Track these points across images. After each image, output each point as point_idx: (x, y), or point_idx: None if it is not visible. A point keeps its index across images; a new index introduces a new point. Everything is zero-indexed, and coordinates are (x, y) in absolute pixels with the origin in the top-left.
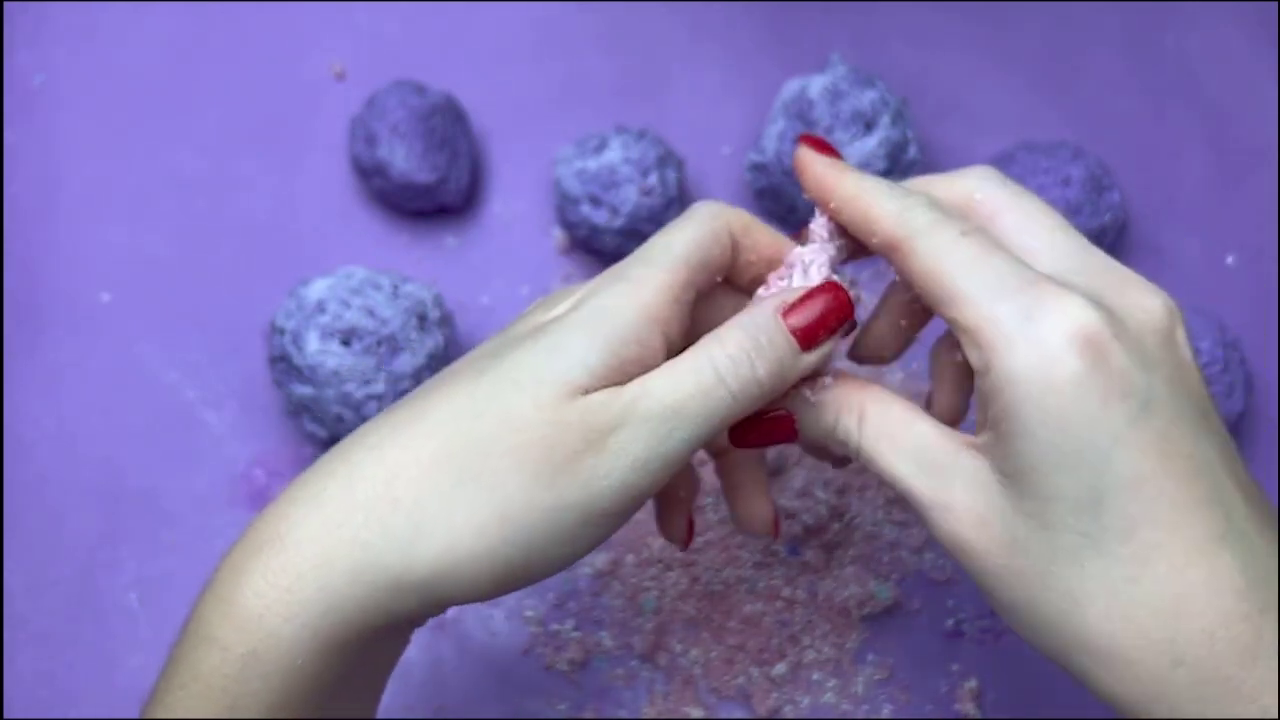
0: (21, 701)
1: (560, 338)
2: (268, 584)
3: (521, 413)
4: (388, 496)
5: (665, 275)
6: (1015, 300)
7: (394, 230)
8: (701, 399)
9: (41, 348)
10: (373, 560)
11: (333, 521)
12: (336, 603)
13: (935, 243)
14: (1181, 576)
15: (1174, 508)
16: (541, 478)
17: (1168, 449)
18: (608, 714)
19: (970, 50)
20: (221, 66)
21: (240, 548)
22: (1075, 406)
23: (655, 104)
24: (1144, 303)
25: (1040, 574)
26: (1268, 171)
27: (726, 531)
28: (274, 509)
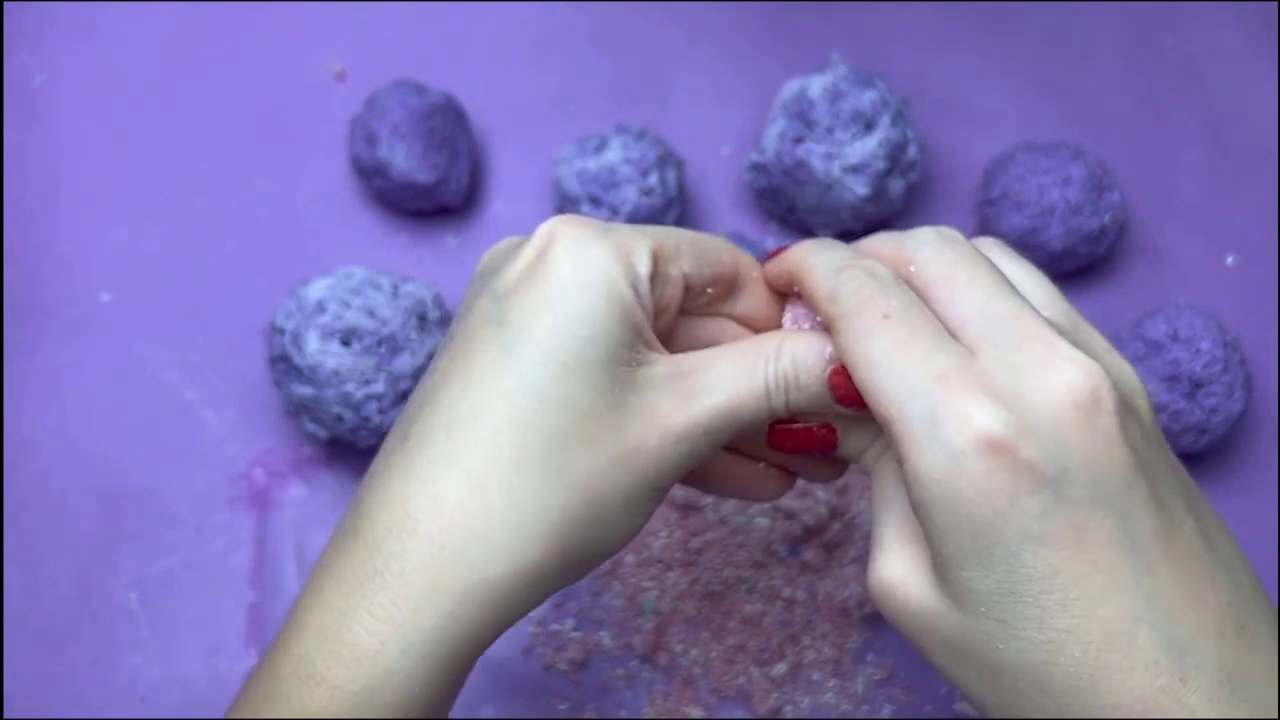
0: (21, 701)
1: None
2: (379, 620)
3: (585, 399)
4: (481, 506)
5: (651, 239)
6: (922, 400)
7: (394, 230)
8: (753, 404)
9: (41, 348)
10: (482, 576)
11: (432, 545)
12: (452, 628)
13: (859, 326)
14: (1095, 659)
15: (1088, 597)
16: (620, 461)
17: (1084, 536)
18: (608, 714)
19: (970, 50)
20: (221, 66)
21: (332, 586)
22: (982, 509)
23: (655, 104)
24: (1064, 377)
25: (959, 646)
26: (1268, 171)
27: (726, 531)
28: (355, 545)
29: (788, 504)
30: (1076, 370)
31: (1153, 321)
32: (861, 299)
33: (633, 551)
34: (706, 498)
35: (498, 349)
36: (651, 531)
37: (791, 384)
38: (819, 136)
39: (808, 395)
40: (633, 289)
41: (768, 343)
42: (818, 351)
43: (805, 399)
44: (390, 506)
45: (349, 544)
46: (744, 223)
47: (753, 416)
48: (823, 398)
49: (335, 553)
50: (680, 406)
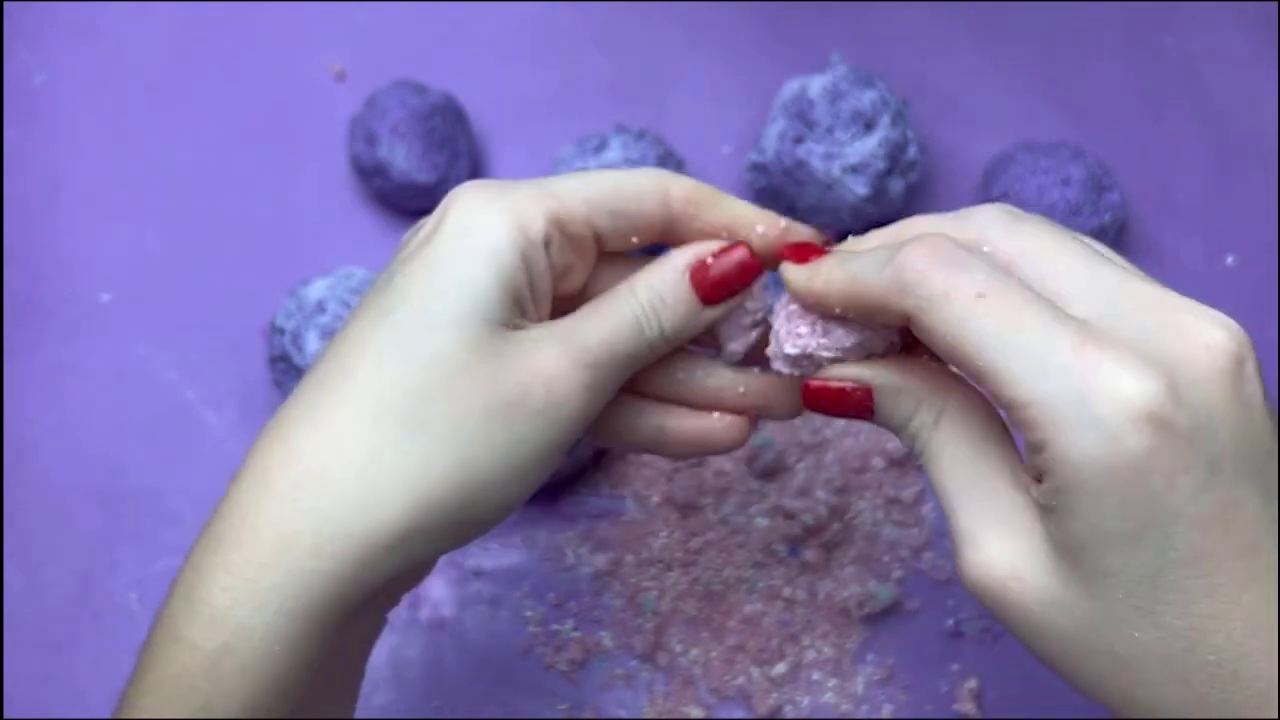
0: (21, 701)
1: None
2: (231, 577)
3: (455, 354)
4: (337, 460)
5: (552, 200)
6: (1063, 377)
7: (394, 230)
8: (627, 341)
9: (41, 348)
10: (335, 530)
11: (284, 499)
12: (306, 582)
13: (953, 312)
14: (1240, 646)
15: (1233, 581)
16: (495, 415)
17: (1230, 518)
18: (608, 714)
19: (970, 50)
20: (221, 66)
21: (198, 547)
22: (1137, 489)
23: (655, 104)
24: (1206, 339)
25: (1084, 637)
26: (1268, 171)
27: (727, 531)
28: (223, 503)
29: (788, 504)
30: (1221, 330)
31: None
32: (941, 279)
33: (633, 551)
34: (706, 497)
35: (376, 312)
36: (651, 531)
37: (660, 306)
38: (819, 136)
39: (677, 313)
40: (519, 254)
41: (621, 285)
42: (670, 267)
43: (678, 317)
44: (252, 465)
45: (219, 504)
46: None
47: (636, 349)
48: (693, 308)
49: (210, 514)
50: (557, 355)
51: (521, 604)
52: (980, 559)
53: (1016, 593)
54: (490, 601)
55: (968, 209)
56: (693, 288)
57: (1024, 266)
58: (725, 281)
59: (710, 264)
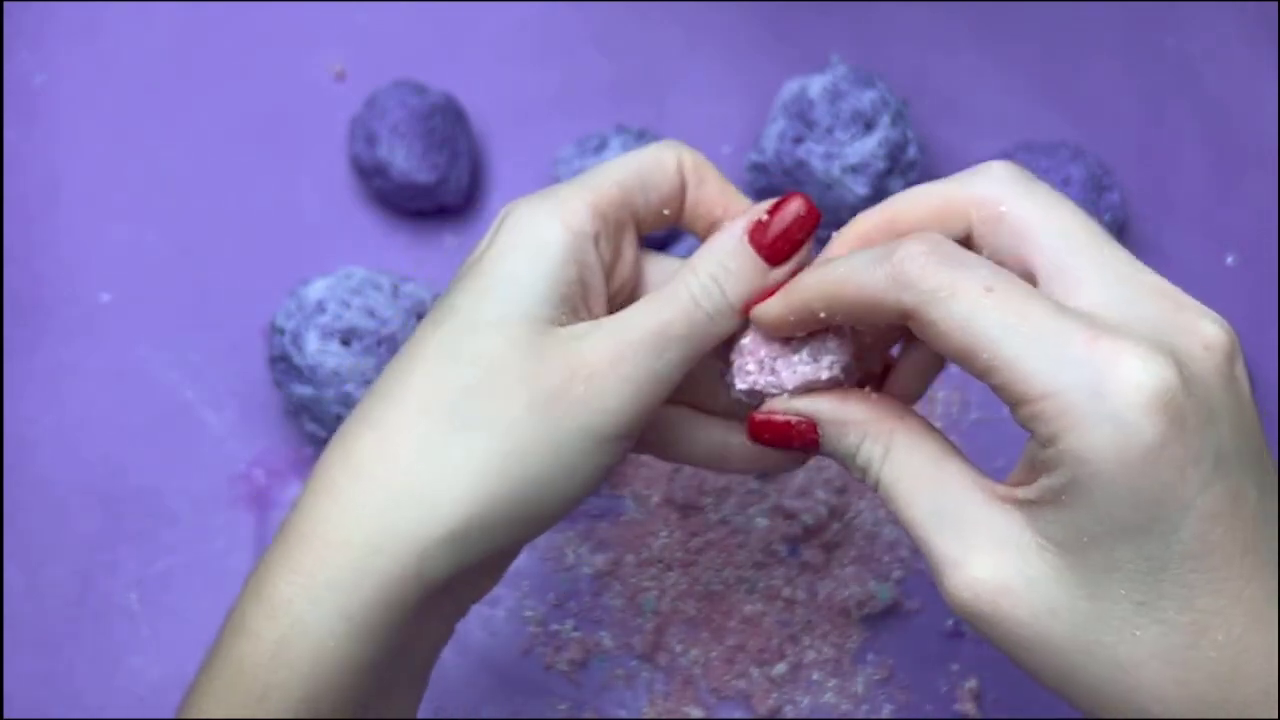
0: (21, 701)
1: (504, 270)
2: (294, 573)
3: (499, 353)
4: (387, 459)
5: (589, 192)
6: (1078, 369)
7: (394, 230)
8: (684, 320)
9: (41, 348)
10: (388, 527)
11: (346, 502)
12: (363, 580)
13: (960, 307)
14: (1240, 642)
15: (1236, 575)
16: (536, 409)
17: (1234, 511)
18: (608, 714)
19: (970, 50)
20: (221, 66)
21: (270, 549)
22: (1150, 480)
23: (655, 104)
24: (1205, 336)
25: (1082, 642)
26: (1268, 171)
27: (727, 531)
28: (294, 509)
29: (788, 504)
30: (1217, 328)
31: None
32: (947, 275)
33: (633, 551)
34: (706, 497)
35: (429, 324)
36: (651, 531)
37: (723, 274)
38: (819, 136)
39: (742, 278)
40: (567, 250)
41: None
42: (730, 233)
43: (744, 282)
44: (318, 472)
45: (290, 511)
46: None
47: (692, 331)
48: (759, 269)
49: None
50: (599, 347)
51: (521, 604)
52: (964, 581)
53: (1008, 607)
54: (490, 601)
55: (975, 168)
56: (754, 249)
57: (1040, 236)
58: (787, 235)
59: (768, 221)
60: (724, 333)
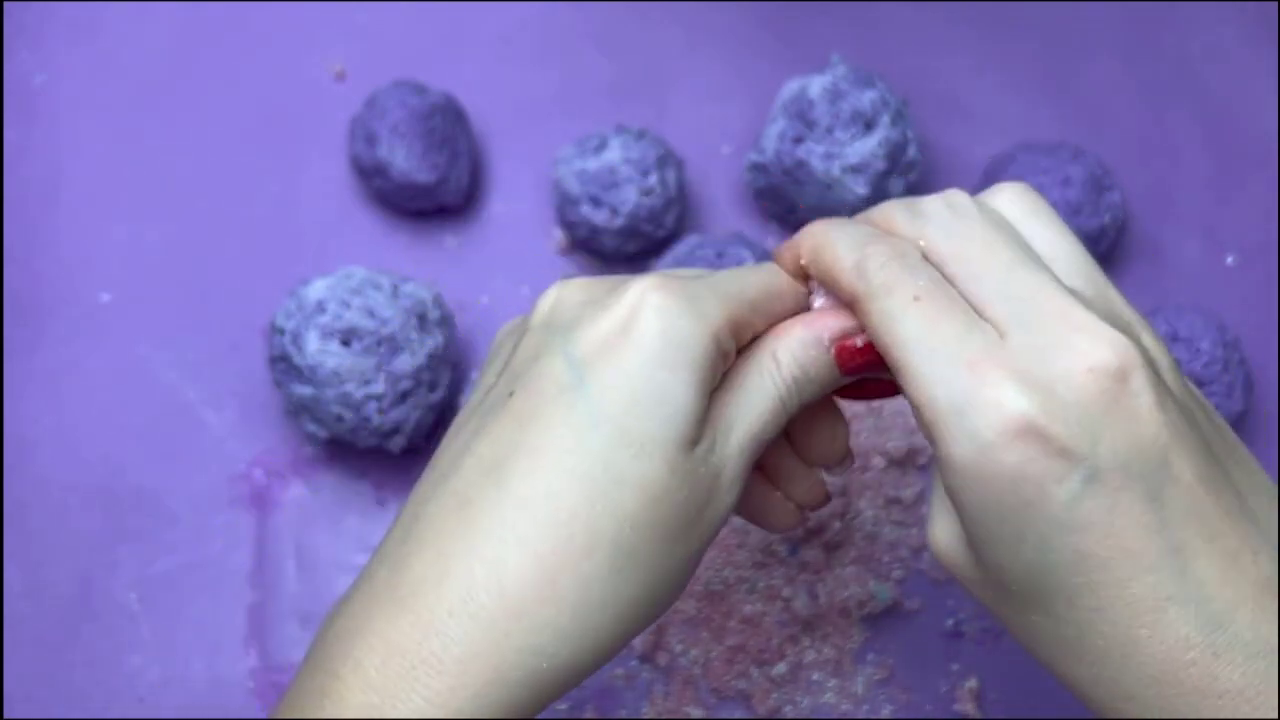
0: (21, 701)
1: (659, 381)
2: (433, 705)
3: (660, 480)
4: (551, 594)
5: (733, 308)
6: (952, 385)
7: (394, 230)
8: (773, 426)
9: (41, 348)
10: (548, 664)
11: (498, 632)
12: (510, 709)
13: (887, 306)
14: (1124, 635)
15: (1117, 579)
16: (680, 538)
17: (1113, 520)
18: (608, 714)
19: (970, 50)
20: (221, 66)
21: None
22: (1011, 498)
23: (655, 104)
24: (1090, 357)
25: (1002, 612)
26: (1268, 171)
27: (727, 531)
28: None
29: None
30: (1103, 347)
31: (1152, 321)
32: (890, 277)
33: None
34: None
35: (572, 426)
36: None
37: (802, 382)
38: (819, 136)
39: (819, 384)
40: (712, 368)
41: (763, 358)
42: (814, 339)
43: (817, 387)
44: (451, 583)
45: (396, 616)
46: (744, 223)
47: (776, 431)
48: (834, 378)
49: (375, 622)
50: (727, 459)
51: None
52: (931, 535)
53: (957, 567)
54: None
55: (919, 200)
56: (836, 361)
57: (953, 266)
58: (870, 353)
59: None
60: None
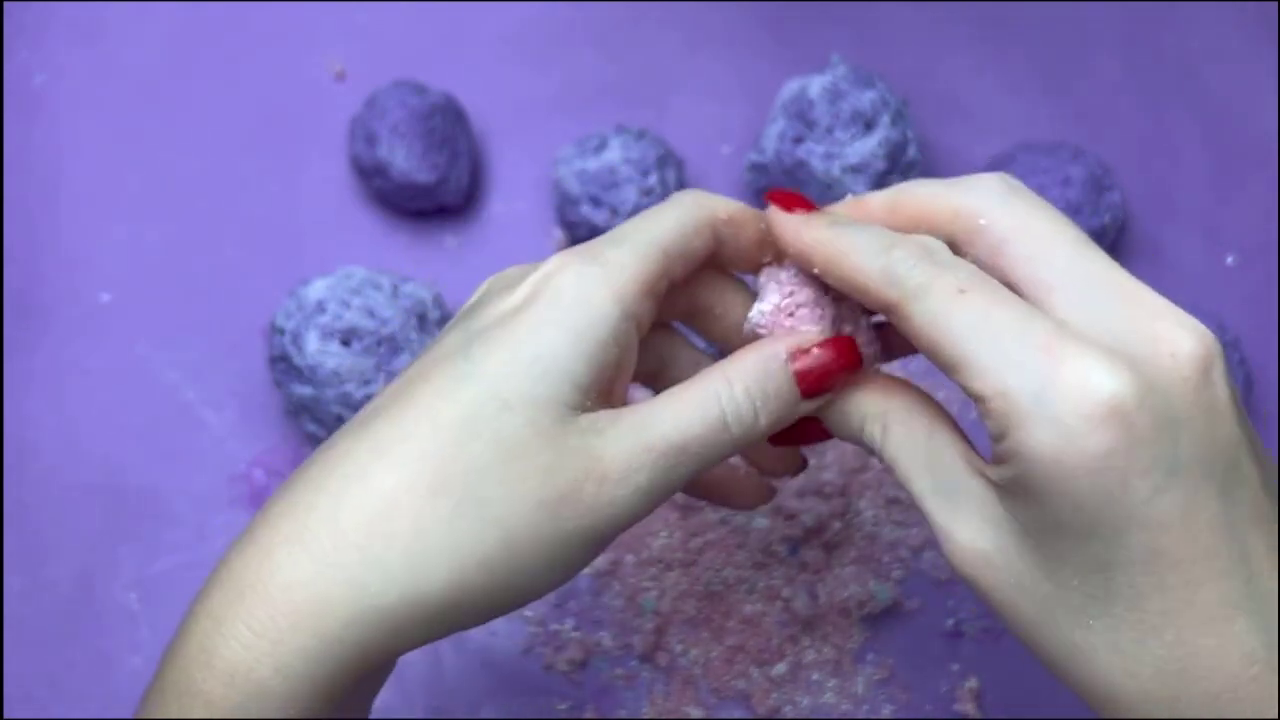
0: (21, 701)
1: (541, 342)
2: (254, 635)
3: (519, 438)
4: (384, 531)
5: (642, 265)
6: (1028, 371)
7: (394, 230)
8: (707, 439)
9: (41, 348)
10: (372, 602)
11: (324, 562)
12: (333, 650)
13: (931, 305)
14: (1189, 644)
15: (1188, 581)
16: (545, 507)
17: (1189, 519)
18: (608, 714)
19: (970, 50)
20: (222, 66)
21: (219, 593)
22: (1091, 488)
23: (655, 104)
24: (1174, 344)
25: (1043, 619)
26: (1268, 171)
27: (726, 531)
28: (250, 549)
29: (788, 504)
30: (1190, 336)
31: None
32: (926, 276)
33: (633, 551)
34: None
35: (448, 381)
36: (651, 531)
37: (762, 399)
38: (819, 136)
39: (779, 405)
40: (614, 334)
41: (714, 375)
42: (772, 356)
43: (780, 410)
44: (291, 515)
45: (244, 547)
46: None
47: (712, 451)
48: (794, 401)
49: (230, 554)
50: (622, 449)
51: None
52: (953, 549)
53: (988, 576)
54: None
55: (968, 177)
56: (795, 381)
57: (1015, 245)
58: (829, 373)
59: (813, 354)
60: (740, 450)
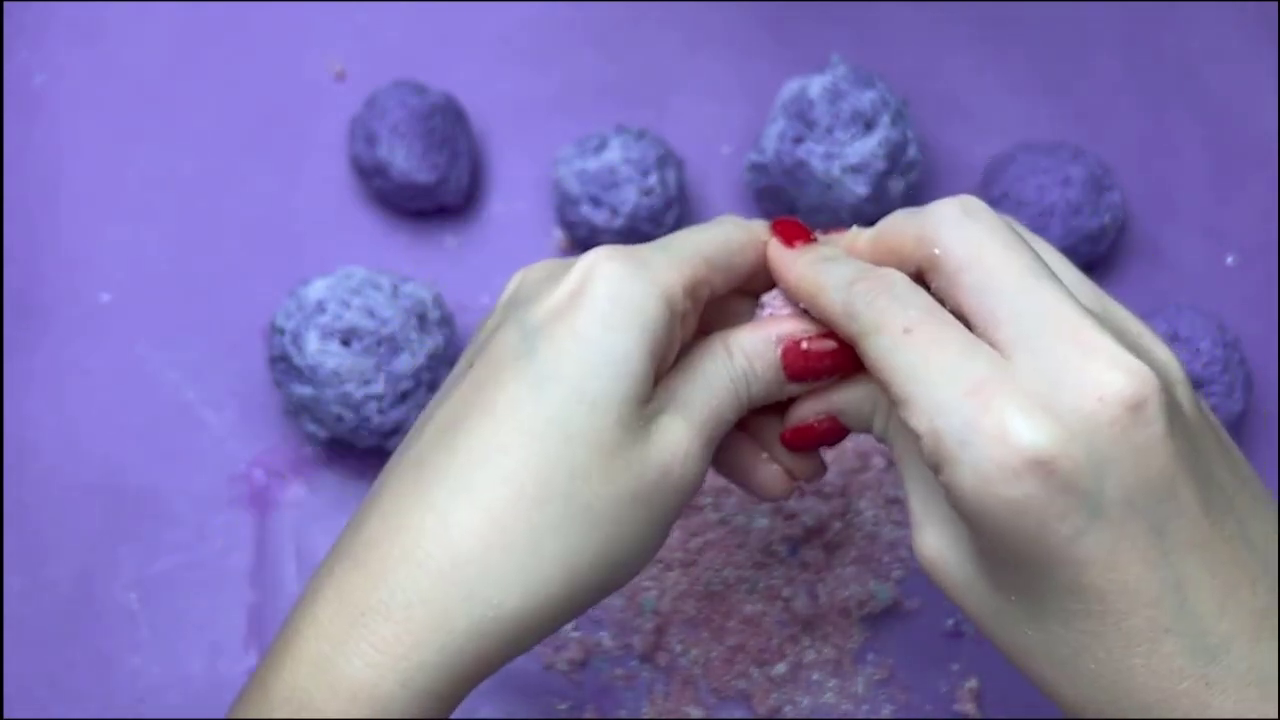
0: (21, 701)
1: (612, 340)
2: (379, 653)
3: (612, 436)
4: (499, 544)
5: (684, 267)
6: (956, 414)
7: (394, 230)
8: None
9: (41, 348)
10: (492, 614)
11: (445, 579)
12: (455, 661)
13: (879, 343)
14: (1119, 663)
15: (1114, 611)
16: (640, 499)
17: (1115, 555)
18: (608, 714)
19: (970, 50)
20: (222, 66)
21: (331, 612)
22: (1014, 528)
23: (655, 104)
24: (1103, 387)
25: (994, 623)
26: (1268, 171)
27: (726, 531)
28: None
29: (788, 504)
30: (1117, 375)
31: (1152, 321)
32: (877, 314)
33: None
34: (706, 497)
35: (525, 385)
36: None
37: (751, 374)
38: (819, 136)
39: (764, 382)
40: (667, 328)
41: (715, 345)
42: (764, 338)
43: (763, 386)
44: (400, 536)
45: (350, 570)
46: None
47: (733, 415)
48: (778, 380)
49: (333, 577)
50: (685, 430)
51: None
52: (920, 546)
53: (945, 577)
54: None
55: (930, 205)
56: (782, 362)
57: (966, 274)
58: (816, 363)
59: (806, 345)
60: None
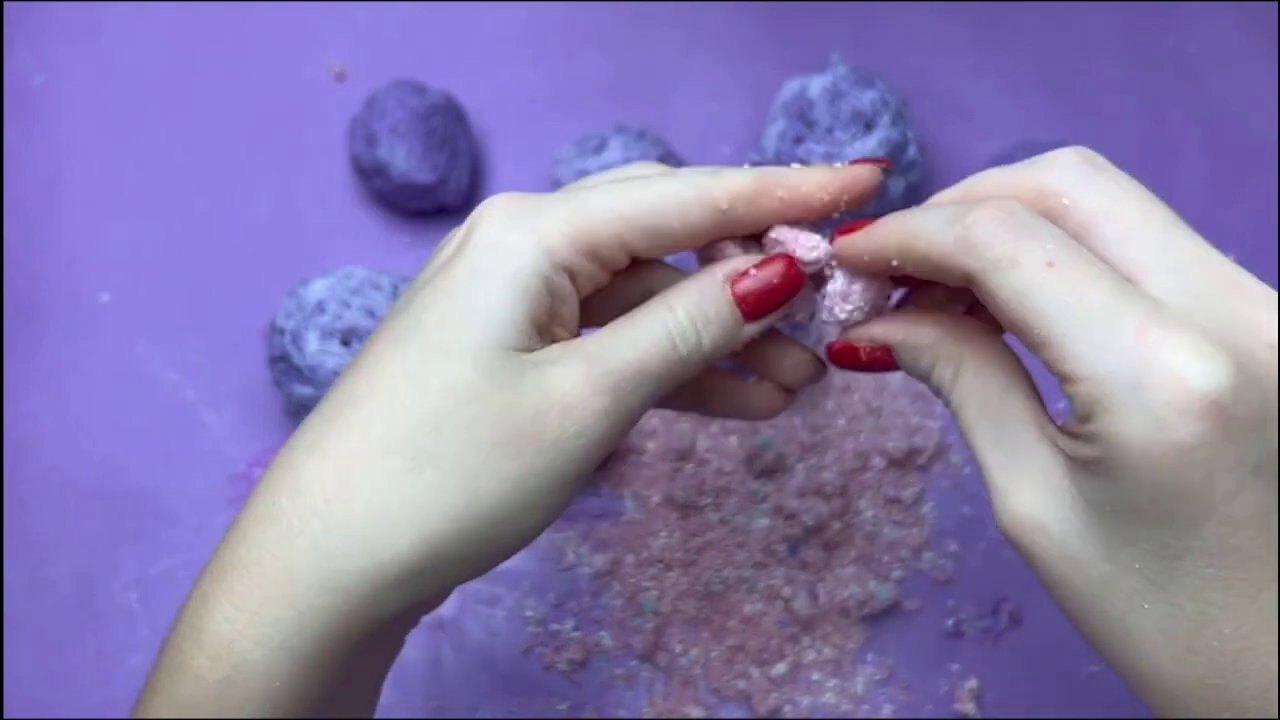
0: (21, 701)
1: (475, 290)
2: (235, 608)
3: (468, 382)
4: (343, 494)
5: (581, 222)
6: (1122, 357)
7: (394, 230)
8: (660, 360)
9: (41, 348)
10: (339, 566)
11: (290, 533)
12: (309, 618)
13: (1015, 280)
14: (1247, 640)
15: (1251, 581)
16: (506, 447)
17: (1264, 521)
18: (608, 714)
19: (970, 50)
20: (221, 66)
21: (206, 575)
22: (1175, 479)
23: (655, 104)
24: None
25: (1097, 598)
26: (1268, 171)
27: (726, 531)
28: (232, 532)
29: (788, 504)
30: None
31: None
32: (1008, 246)
33: (633, 551)
34: (706, 497)
35: (389, 339)
36: (651, 532)
37: (703, 321)
38: (819, 136)
39: (718, 325)
40: (542, 279)
41: (656, 302)
42: (710, 280)
43: (718, 331)
44: (260, 495)
45: (227, 536)
46: None
47: (668, 369)
48: (734, 321)
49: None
50: (577, 380)
51: (521, 604)
52: (1008, 511)
53: (1042, 546)
54: (489, 601)
55: (1047, 155)
56: (735, 302)
57: (1102, 227)
58: (768, 295)
59: (752, 275)
60: (693, 375)
